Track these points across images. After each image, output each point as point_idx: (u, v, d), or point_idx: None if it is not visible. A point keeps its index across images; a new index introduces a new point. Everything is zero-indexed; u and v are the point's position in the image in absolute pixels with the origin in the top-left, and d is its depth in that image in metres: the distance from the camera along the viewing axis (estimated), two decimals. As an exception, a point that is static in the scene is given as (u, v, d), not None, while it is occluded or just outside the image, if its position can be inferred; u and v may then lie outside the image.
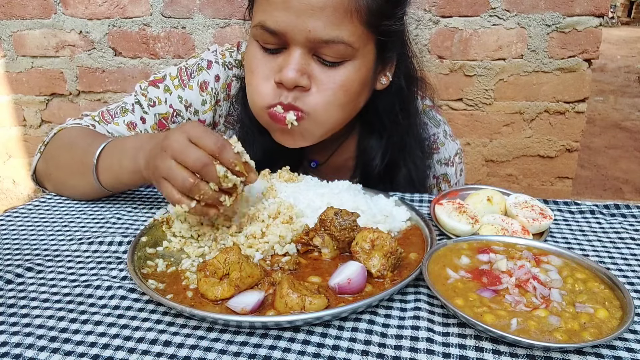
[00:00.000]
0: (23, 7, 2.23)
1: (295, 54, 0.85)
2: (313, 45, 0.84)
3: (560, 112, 2.02)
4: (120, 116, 1.06)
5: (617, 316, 0.57)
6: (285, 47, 0.86)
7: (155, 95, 1.06)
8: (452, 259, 0.68)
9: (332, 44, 0.83)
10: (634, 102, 6.18)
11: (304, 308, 0.59)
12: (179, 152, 0.70)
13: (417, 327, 0.59)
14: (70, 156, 0.96)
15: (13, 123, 2.53)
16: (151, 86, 1.07)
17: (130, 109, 1.06)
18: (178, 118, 1.07)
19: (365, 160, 1.08)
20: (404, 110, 1.04)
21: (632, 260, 0.75)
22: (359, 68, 0.89)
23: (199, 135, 0.70)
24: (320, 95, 0.88)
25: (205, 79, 1.06)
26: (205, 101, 1.07)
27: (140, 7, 2.13)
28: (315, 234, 0.73)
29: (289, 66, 0.84)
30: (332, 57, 0.85)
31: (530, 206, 0.85)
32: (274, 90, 0.88)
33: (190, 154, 0.69)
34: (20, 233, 0.85)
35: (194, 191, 0.70)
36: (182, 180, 0.69)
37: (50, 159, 1.00)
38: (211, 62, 1.07)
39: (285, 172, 0.93)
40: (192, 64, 1.08)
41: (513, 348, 0.56)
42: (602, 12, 1.86)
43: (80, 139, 0.98)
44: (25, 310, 0.63)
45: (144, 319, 0.61)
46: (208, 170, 0.69)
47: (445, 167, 1.18)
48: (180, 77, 1.07)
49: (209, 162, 0.69)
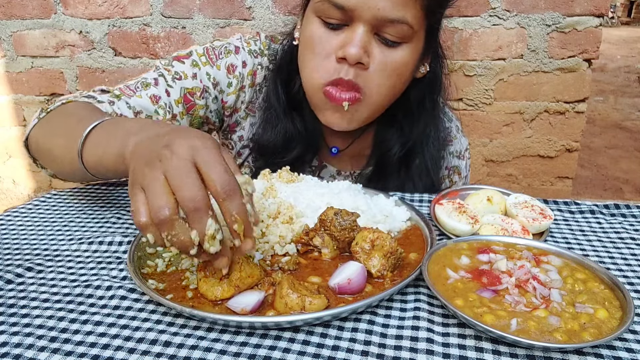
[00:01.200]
0: (23, 7, 2.23)
1: (360, 30, 0.86)
2: (377, 23, 0.86)
3: (560, 112, 2.02)
4: (142, 89, 1.02)
5: (617, 316, 0.57)
6: (347, 23, 0.88)
7: (181, 70, 1.04)
8: (452, 259, 0.68)
9: (397, 24, 0.86)
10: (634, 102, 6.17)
11: (304, 308, 0.59)
12: (175, 175, 0.56)
13: (417, 327, 0.59)
14: (64, 126, 0.87)
15: (13, 123, 2.53)
16: (176, 61, 1.05)
17: (152, 82, 1.03)
18: (206, 94, 1.06)
19: (382, 150, 1.09)
20: (431, 100, 1.07)
21: (632, 260, 0.75)
22: (412, 52, 0.92)
23: (210, 163, 0.57)
24: (377, 75, 0.90)
25: (233, 63, 1.06)
26: (231, 84, 1.07)
27: (140, 7, 2.13)
28: (315, 234, 0.73)
29: (354, 42, 0.86)
30: (393, 37, 0.88)
31: (530, 206, 0.85)
32: (335, 65, 0.90)
33: (186, 185, 0.55)
34: (20, 233, 0.85)
35: (163, 227, 0.56)
36: (158, 207, 0.55)
37: (46, 126, 0.91)
38: (239, 48, 1.08)
39: (285, 172, 0.93)
40: (218, 46, 1.07)
41: (513, 348, 0.56)
42: (602, 12, 1.86)
43: (82, 111, 0.89)
44: (25, 310, 0.63)
45: (144, 319, 0.61)
46: (197, 218, 0.55)
47: (457, 160, 1.21)
48: (208, 55, 1.06)
49: (203, 208, 0.55)
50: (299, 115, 1.05)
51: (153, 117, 1.01)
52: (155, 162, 0.58)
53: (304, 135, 1.05)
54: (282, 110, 1.05)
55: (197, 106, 1.05)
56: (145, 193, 0.57)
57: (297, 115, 1.05)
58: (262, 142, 1.08)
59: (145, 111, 1.01)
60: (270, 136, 1.06)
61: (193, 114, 1.06)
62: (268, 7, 2.04)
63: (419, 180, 1.08)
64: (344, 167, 1.16)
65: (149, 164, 0.58)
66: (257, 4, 2.04)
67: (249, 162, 1.15)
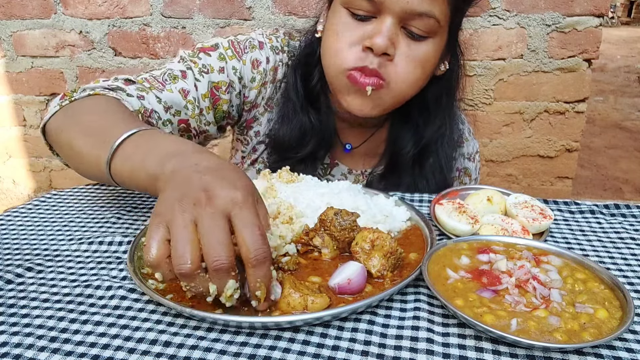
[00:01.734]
0: (23, 7, 2.23)
1: (387, 22, 0.88)
2: (405, 16, 0.87)
3: (560, 112, 2.03)
4: (171, 82, 1.00)
5: (617, 316, 0.57)
6: (375, 15, 0.89)
7: (208, 63, 1.03)
8: (452, 259, 0.68)
9: (425, 17, 0.87)
10: (634, 102, 6.18)
11: (307, 307, 0.59)
12: (206, 228, 0.54)
13: (417, 327, 0.59)
14: (92, 124, 0.82)
15: (13, 123, 2.53)
16: (202, 53, 1.04)
17: (180, 75, 1.01)
18: (231, 89, 1.05)
19: (396, 148, 1.10)
20: (449, 99, 1.08)
21: (632, 260, 0.75)
22: (437, 47, 0.94)
23: (246, 225, 0.55)
24: (402, 67, 0.91)
25: (258, 58, 1.07)
26: (254, 79, 1.07)
27: (140, 7, 2.13)
28: (315, 234, 0.73)
29: (382, 33, 0.87)
30: (420, 30, 0.89)
31: (530, 206, 0.85)
32: (360, 54, 0.91)
33: (215, 244, 0.53)
34: (20, 233, 0.85)
35: (183, 278, 0.55)
36: (182, 260, 0.53)
37: (70, 117, 0.86)
38: (262, 44, 1.08)
39: (285, 172, 0.93)
40: (243, 40, 1.07)
41: (513, 348, 0.56)
42: (602, 12, 1.86)
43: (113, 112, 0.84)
44: (25, 310, 0.63)
45: (144, 319, 0.61)
46: (218, 277, 0.54)
47: (467, 162, 1.22)
48: (234, 48, 1.06)
49: (226, 270, 0.54)
50: (314, 109, 1.06)
51: (182, 112, 1.01)
52: (189, 205, 0.55)
53: (318, 129, 1.06)
54: (300, 103, 1.06)
55: (222, 101, 1.05)
56: (170, 233, 0.55)
57: (312, 109, 1.06)
58: (278, 137, 1.08)
59: (175, 106, 1.00)
60: (286, 130, 1.07)
61: (217, 109, 1.06)
62: (268, 7, 2.04)
63: (432, 179, 1.09)
64: (356, 165, 1.17)
65: (182, 203, 0.55)
66: (257, 4, 2.04)
67: (263, 158, 1.16)
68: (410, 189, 1.05)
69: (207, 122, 1.06)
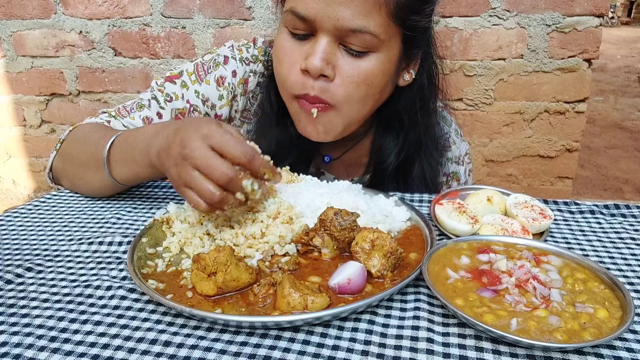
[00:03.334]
0: (23, 7, 2.23)
1: (322, 41, 0.86)
2: (340, 33, 0.85)
3: (560, 112, 2.02)
4: (136, 111, 1.06)
5: (617, 316, 0.57)
6: (312, 34, 0.88)
7: (172, 91, 1.06)
8: (452, 259, 0.68)
9: (359, 34, 0.85)
10: (634, 102, 6.17)
11: (307, 307, 0.59)
12: (203, 166, 0.68)
13: (417, 327, 0.59)
14: (83, 151, 0.95)
15: (13, 123, 2.53)
16: (168, 82, 1.07)
17: (147, 104, 1.06)
18: (195, 113, 1.07)
19: (379, 159, 1.09)
20: (423, 108, 1.05)
21: (632, 260, 0.75)
22: (383, 61, 0.89)
23: (223, 144, 0.69)
24: (344, 86, 0.89)
25: (222, 74, 1.07)
26: (222, 96, 1.07)
27: (140, 7, 2.13)
28: (315, 234, 0.73)
29: (315, 55, 0.86)
30: (358, 46, 0.87)
31: (530, 206, 0.85)
32: (301, 78, 0.90)
33: (215, 167, 0.68)
34: (20, 233, 0.85)
35: (221, 203, 0.69)
36: (210, 194, 0.68)
37: (65, 155, 1.00)
38: (228, 58, 1.08)
39: (285, 173, 0.93)
40: (208, 60, 1.08)
41: (513, 348, 0.56)
42: (602, 12, 1.86)
43: (93, 133, 0.97)
44: (25, 310, 0.63)
45: (144, 319, 0.61)
46: (235, 185, 0.69)
47: (455, 165, 1.20)
48: (197, 72, 1.07)
49: (234, 176, 0.68)
50: (292, 124, 1.03)
51: None
52: (183, 163, 0.70)
53: (296, 143, 1.04)
54: (274, 117, 1.04)
55: None
56: (192, 188, 0.69)
57: (290, 123, 1.03)
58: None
59: None
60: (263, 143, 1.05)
61: None
62: (268, 7, 2.04)
63: (417, 189, 1.06)
64: (341, 175, 1.15)
65: (178, 165, 0.71)
66: (257, 4, 2.04)
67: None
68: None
69: None
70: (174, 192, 1.03)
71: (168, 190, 1.04)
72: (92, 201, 0.99)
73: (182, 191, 0.72)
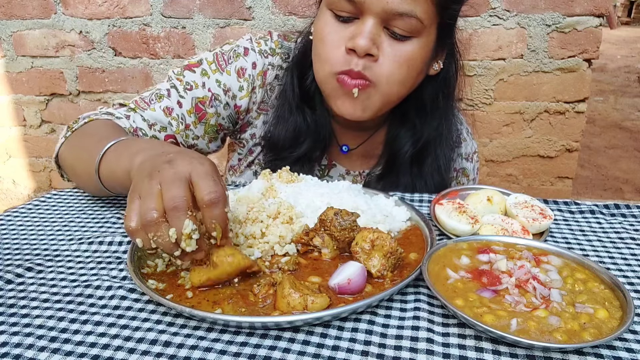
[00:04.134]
0: (23, 7, 2.23)
1: (369, 23, 0.88)
2: (387, 16, 0.88)
3: (560, 112, 2.02)
4: (156, 102, 1.05)
5: (617, 316, 0.57)
6: (357, 17, 0.90)
7: (192, 79, 1.05)
8: (452, 259, 0.68)
9: (405, 17, 0.87)
10: (634, 102, 6.17)
11: (307, 307, 0.59)
12: (166, 181, 0.61)
13: (417, 327, 0.59)
14: (85, 144, 0.94)
15: (13, 123, 2.53)
16: (187, 70, 1.06)
17: (166, 94, 1.05)
18: (216, 102, 1.07)
19: (394, 148, 1.10)
20: (445, 98, 1.08)
21: (632, 260, 0.75)
22: (422, 46, 0.93)
23: (201, 175, 0.62)
24: (387, 66, 0.92)
25: (243, 65, 1.07)
26: (242, 87, 1.08)
27: (140, 7, 2.13)
28: (315, 234, 0.73)
29: (362, 34, 0.88)
30: (402, 30, 0.89)
31: (530, 206, 0.85)
32: (345, 57, 0.91)
33: (172, 189, 0.60)
34: (20, 233, 0.85)
35: (149, 228, 0.60)
36: (147, 209, 0.59)
37: (71, 145, 0.98)
38: (248, 49, 1.08)
39: (285, 173, 0.93)
40: (227, 50, 1.08)
41: (513, 348, 0.56)
42: (602, 12, 1.86)
43: (102, 130, 0.96)
44: (25, 310, 0.63)
45: (144, 319, 0.61)
46: (175, 217, 0.59)
47: (465, 162, 1.22)
48: (217, 61, 1.07)
49: (181, 208, 0.59)
50: (310, 109, 1.07)
51: (167, 128, 1.05)
52: (155, 174, 0.63)
53: (313, 130, 1.06)
54: (295, 103, 1.06)
55: (208, 115, 1.07)
56: (141, 199, 0.62)
57: (308, 109, 1.06)
58: (273, 136, 1.09)
59: (159, 123, 1.04)
60: (281, 130, 1.08)
61: (206, 123, 1.08)
62: (268, 7, 2.04)
63: (431, 179, 1.09)
64: (354, 166, 1.17)
65: (150, 175, 0.63)
66: (257, 4, 2.04)
67: (259, 160, 1.16)
68: (408, 190, 1.05)
69: (196, 136, 1.08)
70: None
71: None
72: (92, 201, 0.99)
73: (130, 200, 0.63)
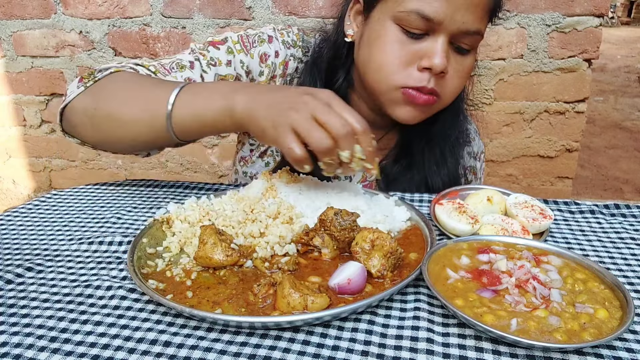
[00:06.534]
0: (23, 7, 2.23)
1: (442, 41, 0.90)
2: (458, 35, 0.91)
3: (560, 112, 2.02)
4: (177, 71, 1.01)
5: (617, 316, 0.57)
6: (428, 33, 0.91)
7: (216, 56, 1.04)
8: (452, 259, 0.68)
9: (474, 35, 0.92)
10: (634, 102, 6.17)
11: (307, 307, 0.59)
12: (324, 112, 0.69)
13: (417, 327, 0.59)
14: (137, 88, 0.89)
15: (13, 123, 2.53)
16: (211, 46, 1.05)
17: (188, 65, 1.02)
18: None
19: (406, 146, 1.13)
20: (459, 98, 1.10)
21: (632, 260, 0.75)
22: (474, 56, 0.99)
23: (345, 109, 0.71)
24: (453, 81, 0.96)
25: (266, 52, 1.07)
26: (263, 73, 1.08)
27: (140, 7, 2.13)
28: (315, 234, 0.73)
29: (440, 54, 0.90)
30: (467, 45, 0.94)
31: (530, 206, 0.85)
32: (417, 74, 0.93)
33: (335, 118, 0.69)
34: (20, 233, 0.85)
35: (327, 154, 0.70)
36: (319, 138, 0.68)
37: (102, 93, 0.91)
38: (272, 37, 1.08)
39: (285, 173, 0.93)
40: (252, 34, 1.08)
41: (513, 348, 0.56)
42: (602, 12, 1.86)
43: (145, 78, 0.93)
44: (25, 310, 0.63)
45: (144, 319, 0.61)
46: (348, 142, 0.69)
47: (473, 160, 1.24)
48: (242, 42, 1.06)
49: (352, 134, 0.69)
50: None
51: None
52: (301, 106, 0.71)
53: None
54: None
55: None
56: (298, 131, 0.69)
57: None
58: None
59: None
60: None
61: None
62: (268, 7, 2.04)
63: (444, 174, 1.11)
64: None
65: (294, 108, 0.71)
66: (257, 4, 2.04)
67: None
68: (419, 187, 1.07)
69: None
70: (174, 192, 1.03)
71: (168, 190, 1.05)
72: (92, 201, 0.99)
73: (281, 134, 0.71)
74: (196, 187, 1.05)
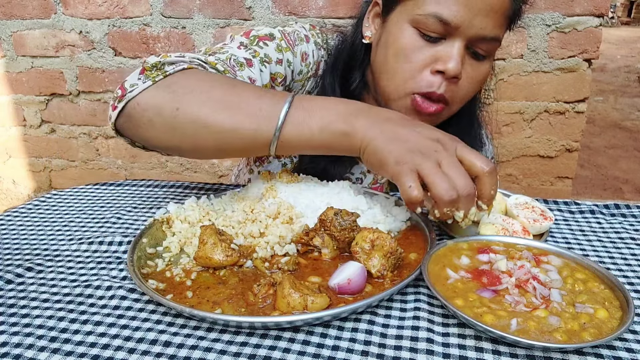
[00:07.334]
0: (23, 7, 2.23)
1: (459, 45, 0.89)
2: (475, 40, 0.89)
3: (560, 112, 2.02)
4: (239, 69, 0.94)
5: (617, 316, 0.57)
6: (444, 37, 0.90)
7: (268, 53, 0.99)
8: (452, 259, 0.68)
9: (491, 42, 0.91)
10: (634, 102, 6.18)
11: (307, 307, 0.59)
12: (451, 165, 0.67)
13: (417, 327, 0.59)
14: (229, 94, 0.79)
15: (13, 123, 2.53)
16: (261, 42, 1.00)
17: (245, 62, 0.95)
18: (284, 81, 1.02)
19: None
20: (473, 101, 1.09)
21: (632, 260, 0.75)
22: (491, 62, 0.98)
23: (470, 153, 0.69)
24: (465, 87, 0.94)
25: (306, 51, 1.05)
26: (302, 72, 1.05)
27: (140, 7, 2.13)
28: (315, 234, 0.73)
29: (455, 58, 0.88)
30: (484, 52, 0.92)
31: (531, 207, 0.85)
32: (429, 78, 0.91)
33: (462, 175, 0.67)
34: (20, 233, 0.85)
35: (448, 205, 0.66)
36: (446, 189, 0.65)
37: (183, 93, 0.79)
38: (308, 37, 1.06)
39: (285, 173, 0.93)
40: (291, 32, 1.04)
41: (513, 348, 0.56)
42: (602, 12, 1.86)
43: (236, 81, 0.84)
44: (25, 310, 0.63)
45: (144, 319, 0.61)
46: (467, 203, 0.67)
47: None
48: (287, 40, 1.03)
49: (473, 195, 0.67)
50: None
51: None
52: (431, 153, 0.69)
53: None
54: None
55: None
56: (422, 174, 0.67)
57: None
58: None
59: None
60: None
61: None
62: (268, 7, 2.04)
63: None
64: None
65: (423, 153, 0.69)
66: (257, 4, 2.04)
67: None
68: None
69: None
70: (174, 192, 1.03)
71: (168, 190, 1.05)
72: (92, 201, 0.99)
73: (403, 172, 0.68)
74: (196, 187, 1.05)
